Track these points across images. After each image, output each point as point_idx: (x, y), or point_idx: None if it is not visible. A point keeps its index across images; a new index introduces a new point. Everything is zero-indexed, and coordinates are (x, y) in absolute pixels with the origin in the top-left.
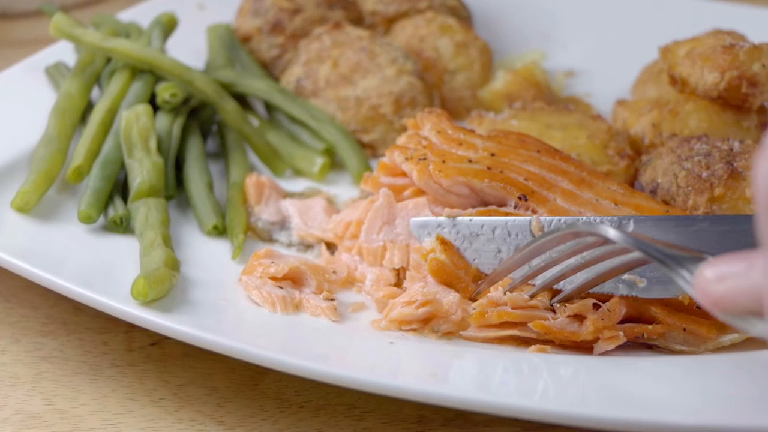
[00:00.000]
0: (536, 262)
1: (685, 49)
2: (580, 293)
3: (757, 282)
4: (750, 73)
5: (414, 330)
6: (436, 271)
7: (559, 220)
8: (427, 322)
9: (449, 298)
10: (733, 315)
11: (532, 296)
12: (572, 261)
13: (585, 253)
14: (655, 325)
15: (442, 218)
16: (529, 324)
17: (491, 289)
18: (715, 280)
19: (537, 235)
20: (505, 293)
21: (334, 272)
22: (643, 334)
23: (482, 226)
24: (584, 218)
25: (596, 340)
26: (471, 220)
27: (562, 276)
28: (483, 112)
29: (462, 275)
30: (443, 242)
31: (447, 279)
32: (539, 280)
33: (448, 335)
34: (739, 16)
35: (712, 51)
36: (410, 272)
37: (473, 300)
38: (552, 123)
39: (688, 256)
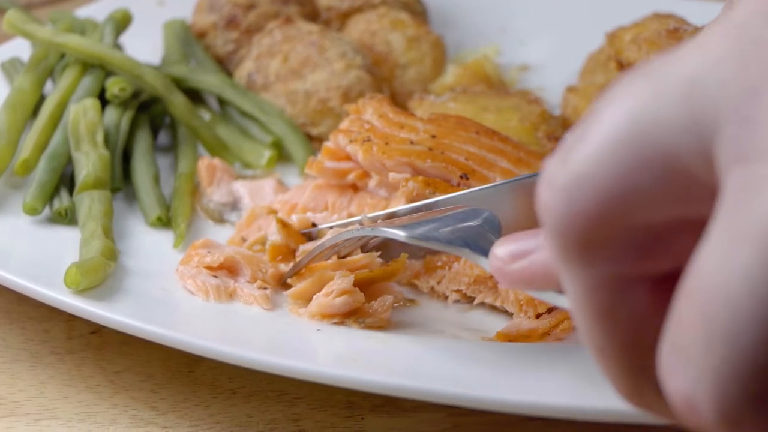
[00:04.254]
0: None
1: (631, 35)
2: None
3: (546, 259)
4: None
5: (336, 323)
6: (274, 255)
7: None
8: (351, 315)
9: (383, 298)
10: (535, 291)
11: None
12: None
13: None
14: None
15: None
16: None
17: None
18: (508, 260)
19: None
20: None
21: (244, 239)
22: None
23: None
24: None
25: (552, 329)
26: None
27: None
28: (424, 94)
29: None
30: (284, 225)
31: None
32: None
33: (374, 328)
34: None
35: (657, 35)
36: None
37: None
38: (488, 106)
39: (477, 235)
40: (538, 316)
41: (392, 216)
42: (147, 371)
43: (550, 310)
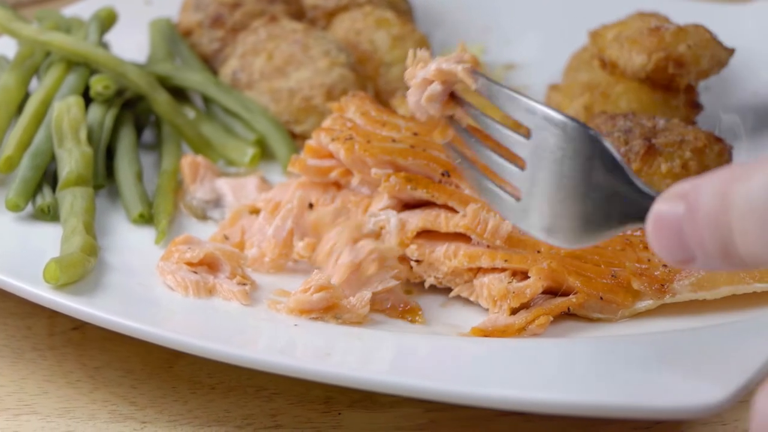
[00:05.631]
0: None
1: (613, 33)
2: None
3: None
4: (676, 54)
5: (315, 318)
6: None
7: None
8: (328, 311)
9: (361, 294)
10: None
11: None
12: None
13: None
14: (576, 295)
15: None
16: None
17: None
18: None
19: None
20: None
21: (226, 237)
22: (568, 309)
23: None
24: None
25: (528, 324)
26: None
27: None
28: (406, 92)
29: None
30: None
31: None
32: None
33: (351, 324)
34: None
35: (639, 33)
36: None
37: None
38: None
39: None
40: (513, 311)
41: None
42: (127, 367)
43: (526, 305)
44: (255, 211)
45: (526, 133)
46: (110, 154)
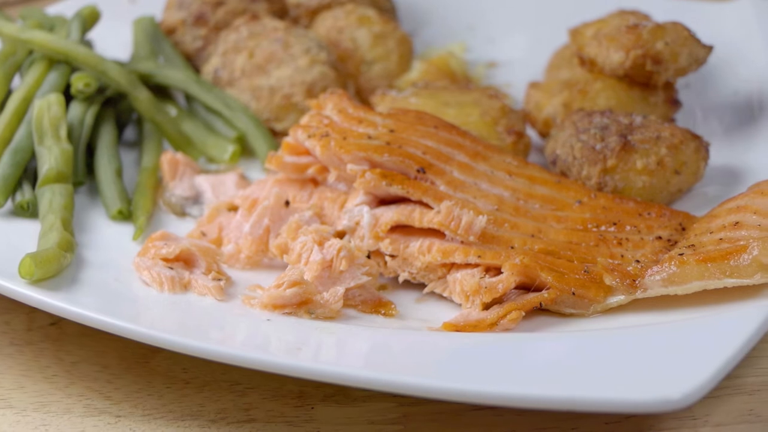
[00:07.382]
0: None
1: (592, 31)
2: None
3: None
4: (654, 51)
5: (288, 314)
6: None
7: None
8: (301, 306)
9: (334, 290)
10: None
11: None
12: None
13: None
14: (548, 290)
15: None
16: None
17: None
18: None
19: None
20: None
21: (204, 234)
22: (540, 304)
23: None
24: None
25: (500, 319)
26: None
27: None
28: (386, 90)
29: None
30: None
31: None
32: None
33: (324, 319)
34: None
35: (617, 31)
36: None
37: None
38: (449, 101)
39: None
40: (486, 306)
41: None
42: (103, 362)
43: (498, 301)
44: (233, 208)
45: None
46: (91, 151)
